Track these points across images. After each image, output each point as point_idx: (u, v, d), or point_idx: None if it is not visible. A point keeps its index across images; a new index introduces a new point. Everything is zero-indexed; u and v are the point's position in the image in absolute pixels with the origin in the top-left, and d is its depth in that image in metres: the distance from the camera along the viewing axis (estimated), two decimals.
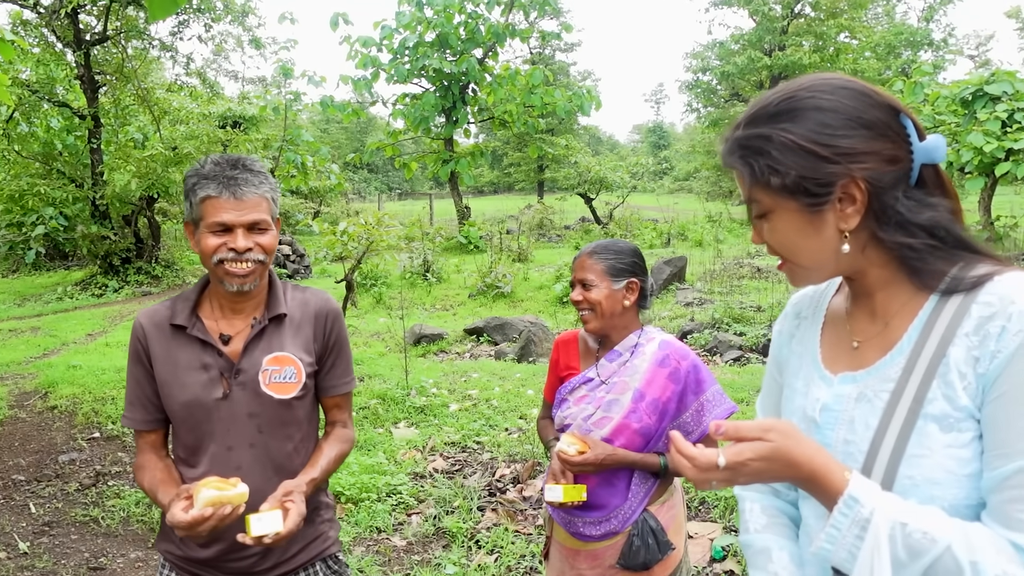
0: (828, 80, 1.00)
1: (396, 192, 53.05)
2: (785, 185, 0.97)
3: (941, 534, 0.84)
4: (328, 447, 1.73)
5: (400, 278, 12.50)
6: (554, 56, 47.22)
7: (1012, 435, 0.86)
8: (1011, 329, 0.87)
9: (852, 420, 1.01)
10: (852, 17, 24.35)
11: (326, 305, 1.76)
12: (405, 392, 5.69)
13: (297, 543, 1.69)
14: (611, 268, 1.91)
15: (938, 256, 0.97)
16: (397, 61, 17.71)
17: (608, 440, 1.90)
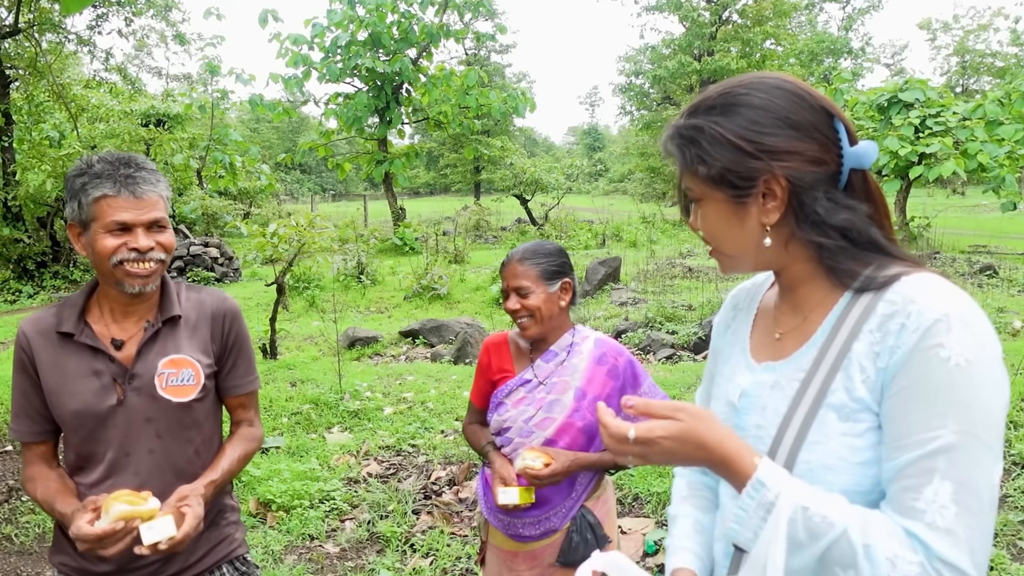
0: (766, 79, 1.04)
1: (330, 193, 52.13)
2: (711, 175, 1.02)
3: (839, 518, 0.87)
4: (231, 448, 1.70)
5: (334, 280, 12.29)
6: (489, 58, 47.29)
7: (908, 428, 0.89)
8: (909, 327, 0.91)
9: (765, 407, 1.06)
10: (777, 25, 25.24)
11: (223, 305, 1.72)
12: (339, 396, 5.60)
13: (201, 547, 1.66)
14: (544, 272, 1.92)
15: (849, 256, 1.01)
16: (329, 60, 17.41)
17: (552, 440, 1.91)
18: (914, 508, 0.87)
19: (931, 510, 0.86)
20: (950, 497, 0.85)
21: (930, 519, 0.86)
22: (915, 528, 0.86)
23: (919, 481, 0.87)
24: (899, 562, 0.85)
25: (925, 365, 0.89)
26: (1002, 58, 44.62)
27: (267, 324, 7.30)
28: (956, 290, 0.93)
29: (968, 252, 14.03)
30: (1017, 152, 13.19)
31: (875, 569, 0.85)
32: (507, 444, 1.99)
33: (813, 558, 0.88)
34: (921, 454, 0.87)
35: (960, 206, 29.76)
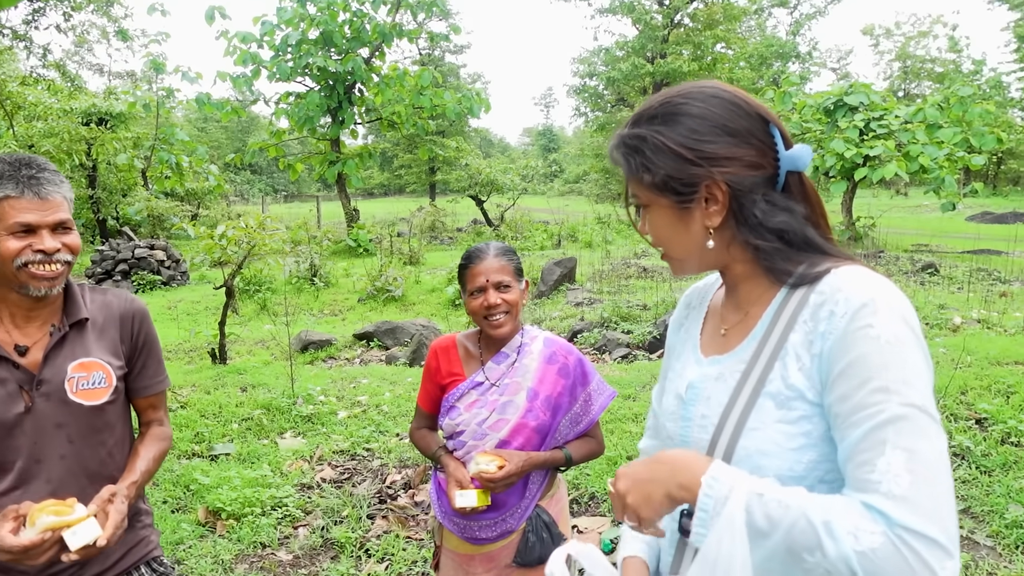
0: (703, 88, 1.09)
1: (282, 194, 51.23)
2: (655, 183, 1.07)
3: (795, 501, 0.89)
4: (145, 450, 1.70)
5: (286, 283, 12.06)
6: (443, 58, 47.13)
7: (853, 406, 0.92)
8: (838, 312, 0.96)
9: (709, 397, 1.11)
10: (728, 28, 25.73)
11: (131, 306, 1.71)
12: (291, 401, 5.49)
13: (118, 549, 1.66)
14: (517, 268, 1.95)
15: (784, 257, 1.06)
16: (279, 59, 17.09)
17: (506, 441, 1.91)
18: (870, 480, 0.88)
19: (886, 480, 0.87)
20: (903, 466, 0.87)
21: (886, 489, 0.86)
22: (872, 500, 0.87)
23: (872, 454, 0.89)
24: (861, 534, 0.85)
25: (859, 345, 0.93)
26: (941, 64, 46.40)
27: (216, 328, 7.12)
28: (879, 278, 0.98)
29: (911, 251, 14.51)
30: (956, 154, 13.70)
31: (839, 545, 0.85)
32: (460, 447, 1.97)
33: (778, 547, 0.89)
34: (869, 428, 0.90)
35: (903, 206, 30.81)
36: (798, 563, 0.88)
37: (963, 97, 13.98)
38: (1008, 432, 4.16)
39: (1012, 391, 4.64)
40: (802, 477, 0.98)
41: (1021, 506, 3.47)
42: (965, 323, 7.40)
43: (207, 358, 7.00)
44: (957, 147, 13.70)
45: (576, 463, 1.98)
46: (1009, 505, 3.49)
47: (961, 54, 45.57)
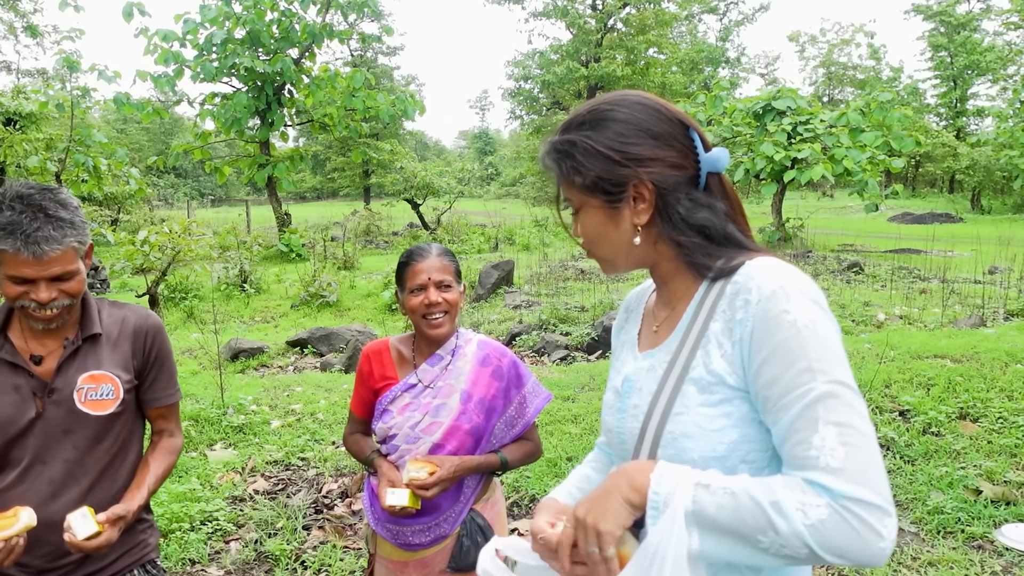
0: (628, 96, 1.17)
1: (209, 198, 49.64)
2: (586, 184, 1.13)
3: (738, 486, 0.94)
4: (155, 464, 1.78)
5: (214, 290, 11.65)
6: (376, 59, 46.62)
7: (782, 389, 0.97)
8: (752, 300, 1.02)
9: (641, 388, 1.16)
10: (659, 34, 26.27)
11: (146, 322, 1.79)
12: (221, 411, 5.28)
13: (116, 550, 1.74)
14: (457, 270, 1.93)
15: (705, 252, 1.12)
16: (204, 58, 16.51)
17: (439, 444, 1.88)
18: (808, 457, 0.93)
19: (823, 455, 0.92)
20: (836, 439, 0.92)
21: (824, 463, 0.92)
22: (813, 476, 0.92)
23: (806, 433, 0.94)
24: (808, 508, 0.90)
25: (779, 331, 0.98)
26: (862, 71, 48.66)
27: None
28: (787, 266, 1.05)
29: (837, 251, 15.11)
30: (877, 157, 14.34)
31: (790, 522, 0.89)
32: (393, 451, 1.93)
33: (731, 530, 0.93)
34: (800, 408, 0.95)
35: (830, 208, 32.13)
36: (754, 545, 0.92)
37: (883, 102, 14.66)
38: (929, 423, 4.34)
39: (932, 383, 4.86)
40: (724, 457, 1.02)
41: (942, 493, 3.63)
42: (888, 319, 7.74)
43: None
44: (878, 150, 14.35)
45: (512, 467, 1.95)
46: (931, 492, 3.64)
47: (880, 62, 47.91)
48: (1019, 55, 37.24)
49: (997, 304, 8.27)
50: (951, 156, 34.10)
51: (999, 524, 3.37)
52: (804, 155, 13.83)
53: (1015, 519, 3.42)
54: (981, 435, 4.21)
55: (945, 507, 3.48)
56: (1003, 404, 4.50)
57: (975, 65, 41.00)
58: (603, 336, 7.30)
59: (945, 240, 15.10)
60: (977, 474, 3.77)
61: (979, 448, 4.07)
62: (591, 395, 5.35)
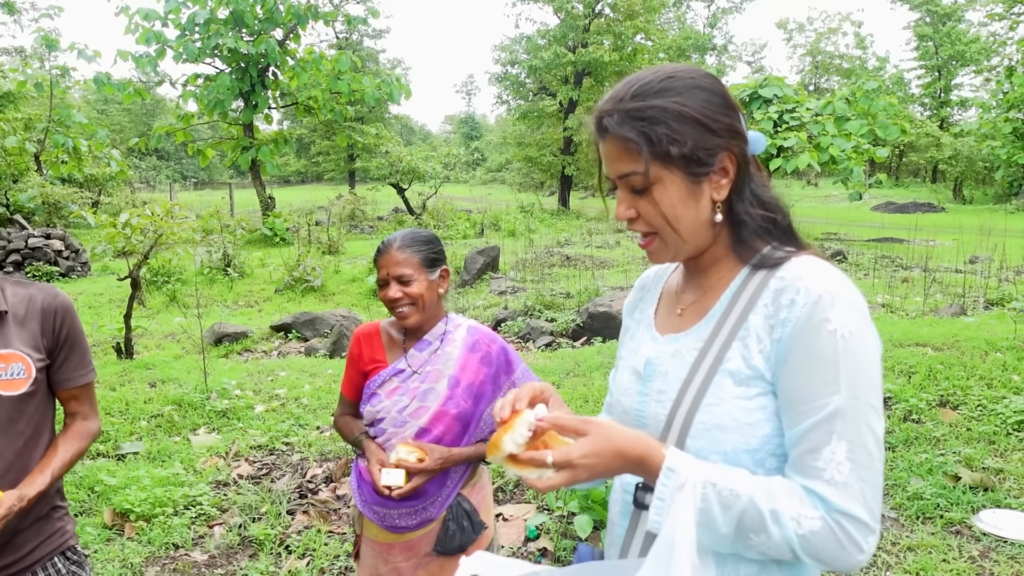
0: (695, 68, 1.10)
1: (191, 181, 49.04)
2: (682, 154, 1.04)
3: (744, 489, 0.96)
4: (63, 447, 1.73)
5: (197, 274, 11.53)
6: (362, 42, 46.13)
7: (805, 396, 0.98)
8: (799, 302, 1.00)
9: (667, 373, 1.13)
10: (647, 20, 26.10)
11: (54, 300, 1.74)
12: (205, 396, 5.25)
13: (32, 540, 1.71)
14: (425, 259, 1.90)
15: (763, 233, 1.10)
16: (186, 38, 16.25)
17: (426, 429, 1.88)
18: (815, 467, 0.96)
19: (829, 468, 0.95)
20: (845, 455, 0.95)
21: (828, 476, 0.95)
22: (814, 485, 0.96)
23: (819, 443, 0.96)
24: (803, 520, 0.94)
25: (815, 338, 0.98)
26: (848, 60, 48.82)
27: (121, 322, 6.72)
28: (837, 271, 1.04)
29: (821, 239, 15.22)
30: (862, 146, 14.41)
31: (783, 530, 0.94)
32: (381, 435, 1.94)
33: (729, 530, 0.96)
34: (819, 419, 0.97)
35: (814, 196, 32.31)
36: (744, 541, 0.97)
37: (869, 91, 14.72)
38: (910, 410, 4.40)
39: (913, 371, 4.92)
40: (756, 450, 1.03)
41: (922, 479, 3.68)
42: (871, 307, 7.80)
43: (111, 353, 6.60)
44: (863, 139, 14.43)
45: None
46: (911, 479, 3.69)
47: (867, 51, 48.10)
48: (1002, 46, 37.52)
49: (978, 293, 8.37)
50: (934, 146, 34.40)
51: (977, 510, 3.42)
52: (790, 143, 13.88)
53: (993, 505, 3.48)
54: (961, 422, 4.27)
55: (924, 493, 3.53)
56: (982, 392, 4.56)
57: (959, 55, 41.33)
58: (588, 323, 7.32)
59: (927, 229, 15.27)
60: (956, 461, 3.83)
61: (958, 435, 4.13)
62: (576, 381, 5.36)
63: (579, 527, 3.08)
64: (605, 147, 1.09)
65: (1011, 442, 4.11)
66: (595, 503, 3.19)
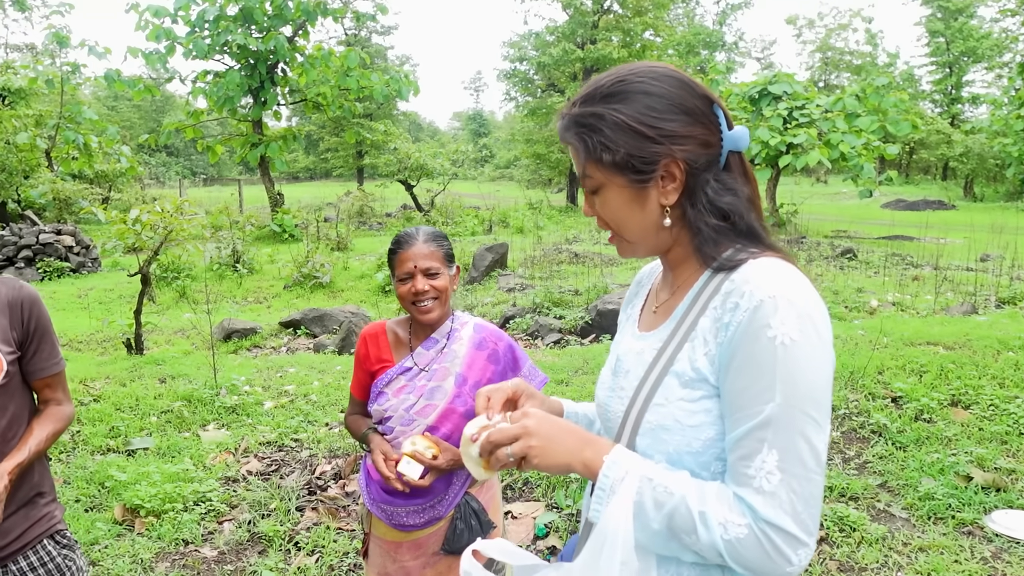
0: (655, 68, 1.09)
1: (201, 177, 49.25)
2: (615, 161, 1.05)
3: (678, 488, 0.97)
4: (39, 428, 1.77)
5: (206, 270, 11.59)
6: (370, 39, 46.15)
7: (742, 402, 0.97)
8: (742, 306, 0.98)
9: (629, 371, 1.15)
10: (656, 16, 26.01)
11: (19, 293, 1.76)
12: (214, 392, 5.26)
13: (20, 524, 1.74)
14: (447, 254, 1.92)
15: (723, 238, 1.08)
16: (196, 35, 16.30)
17: (433, 427, 1.88)
18: (746, 475, 0.95)
19: (759, 476, 0.94)
20: (775, 464, 0.94)
21: (757, 484, 0.94)
22: (744, 493, 0.95)
23: (751, 450, 0.95)
24: (730, 526, 0.94)
25: (754, 343, 0.96)
26: (858, 56, 48.49)
27: (131, 317, 6.76)
28: (790, 274, 1.00)
29: (831, 237, 15.13)
30: (873, 143, 14.30)
31: (711, 534, 0.94)
32: (388, 433, 1.95)
33: (661, 527, 0.97)
34: (752, 426, 0.95)
35: (823, 194, 32.15)
36: (677, 540, 0.97)
37: (879, 87, 14.61)
38: (921, 409, 4.37)
39: (924, 370, 4.88)
40: (699, 453, 1.02)
41: (933, 479, 3.65)
42: (881, 306, 7.76)
43: (122, 349, 6.64)
44: (874, 135, 14.32)
45: None
46: (922, 479, 3.67)
47: (877, 47, 47.77)
48: (1015, 42, 37.21)
49: (989, 292, 8.30)
50: (945, 143, 34.15)
51: (989, 510, 3.40)
52: (800, 140, 13.79)
53: (1005, 505, 3.45)
54: (972, 422, 4.24)
55: (936, 493, 3.50)
56: (994, 391, 4.53)
57: (971, 52, 40.98)
58: (597, 320, 7.30)
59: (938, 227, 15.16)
60: (968, 461, 3.80)
61: (970, 435, 4.10)
62: (585, 379, 5.35)
63: None
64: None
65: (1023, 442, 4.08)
66: None
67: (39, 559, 1.77)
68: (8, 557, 1.72)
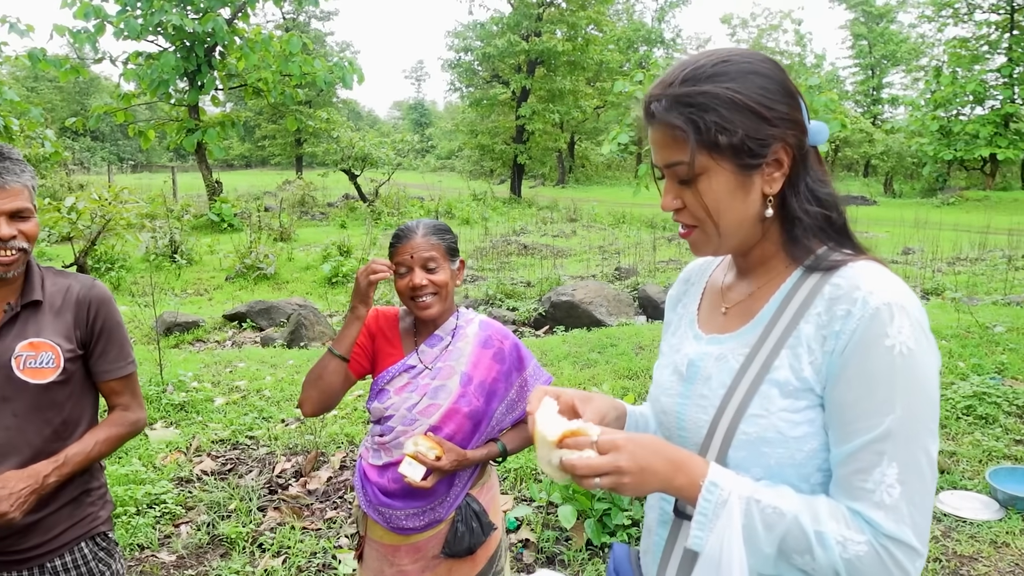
0: (750, 51, 1.03)
1: (129, 164, 47.15)
2: (732, 144, 0.97)
3: (788, 508, 0.92)
4: (95, 432, 1.74)
5: (142, 260, 11.12)
6: (309, 24, 45.04)
7: (857, 414, 0.93)
8: (855, 314, 0.94)
9: (710, 377, 1.07)
10: (599, 11, 26.19)
11: (90, 292, 1.75)
12: (160, 389, 5.06)
13: (62, 523, 1.72)
14: (449, 248, 1.85)
15: (813, 233, 1.03)
16: (127, 14, 15.53)
17: (436, 427, 1.82)
18: (863, 489, 0.92)
19: (879, 490, 0.91)
20: (896, 477, 0.91)
21: (878, 499, 0.91)
22: (862, 508, 0.92)
23: (868, 464, 0.92)
24: (848, 544, 0.90)
25: (871, 353, 0.92)
26: (788, 56, 49.92)
27: None
28: (895, 278, 0.97)
29: None
30: None
31: (828, 554, 0.90)
32: (388, 433, 1.87)
33: (772, 549, 0.93)
34: (870, 439, 0.92)
35: None
36: (787, 561, 0.94)
37: (810, 87, 15.08)
38: None
39: None
40: (801, 464, 0.98)
41: None
42: None
43: None
44: None
45: (512, 453, 1.93)
46: None
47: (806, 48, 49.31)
48: (931, 47, 39.02)
49: (915, 283, 8.71)
50: (867, 142, 35.61)
51: (936, 492, 3.57)
52: None
53: (950, 487, 3.63)
54: None
55: None
56: None
57: (891, 55, 42.84)
58: (551, 311, 7.34)
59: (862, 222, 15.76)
60: None
61: None
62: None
63: (563, 518, 3.08)
64: (652, 134, 1.03)
65: (961, 426, 4.31)
66: (577, 493, 3.20)
67: (73, 560, 1.74)
68: (46, 555, 1.70)
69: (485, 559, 1.91)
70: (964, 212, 20.43)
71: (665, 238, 13.78)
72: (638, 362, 5.50)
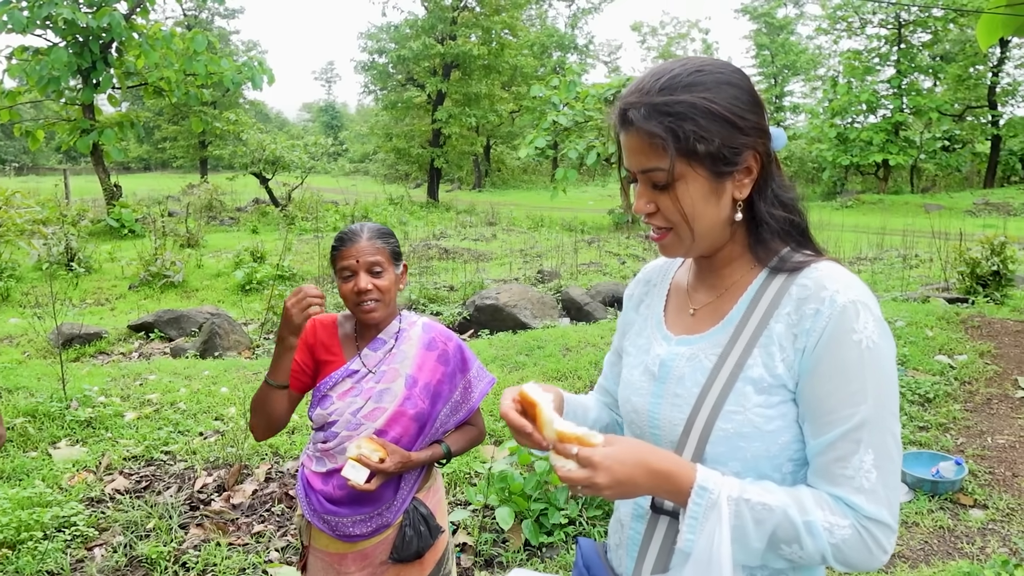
0: (719, 62, 1.08)
1: (12, 166, 43.94)
2: (708, 152, 1.02)
3: (776, 502, 0.98)
4: None
5: (34, 269, 10.38)
6: (212, 21, 43.30)
7: (833, 405, 0.99)
8: (824, 312, 1.00)
9: (683, 377, 1.11)
10: (512, 16, 26.36)
11: None
12: (63, 405, 4.73)
13: None
14: (393, 252, 1.82)
15: (783, 234, 1.09)
16: (12, 5, 14.48)
17: (382, 431, 1.79)
18: (843, 476, 0.99)
19: (858, 476, 0.98)
20: (872, 463, 0.98)
21: (858, 484, 0.98)
22: (843, 493, 0.99)
23: (847, 452, 0.99)
24: (835, 529, 0.97)
25: (841, 348, 0.99)
26: None
27: None
28: (855, 278, 1.04)
29: None
30: None
31: (816, 540, 0.97)
32: (332, 439, 1.82)
33: (762, 543, 0.98)
34: (847, 428, 0.98)
35: None
36: (774, 552, 0.99)
37: None
38: None
39: None
40: (775, 456, 1.04)
41: None
42: None
43: None
44: None
45: (456, 455, 1.91)
46: None
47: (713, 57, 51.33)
48: (827, 58, 41.43)
49: None
50: None
51: None
52: None
53: None
54: None
55: None
56: None
57: (792, 65, 45.17)
58: (475, 315, 7.33)
59: None
60: None
61: None
62: None
63: (500, 520, 3.07)
64: (628, 139, 1.06)
65: None
66: (514, 495, 3.20)
67: None
68: None
69: (433, 563, 1.89)
70: (861, 214, 21.75)
71: (585, 241, 14.01)
72: (566, 363, 5.56)
